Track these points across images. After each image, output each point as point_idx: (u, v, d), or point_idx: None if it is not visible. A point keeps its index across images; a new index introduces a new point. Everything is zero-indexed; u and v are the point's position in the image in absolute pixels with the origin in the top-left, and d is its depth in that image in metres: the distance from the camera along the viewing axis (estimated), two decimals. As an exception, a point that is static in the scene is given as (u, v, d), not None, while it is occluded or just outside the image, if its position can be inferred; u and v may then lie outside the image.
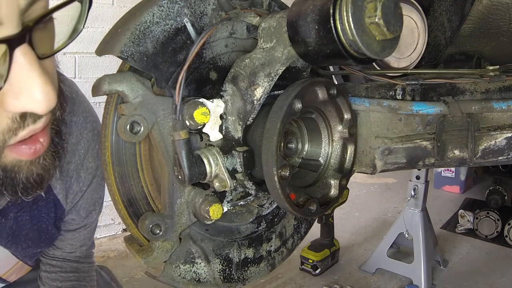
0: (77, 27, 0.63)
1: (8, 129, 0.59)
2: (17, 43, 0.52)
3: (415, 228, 2.85)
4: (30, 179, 0.67)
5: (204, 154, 0.69)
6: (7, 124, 0.58)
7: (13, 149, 0.62)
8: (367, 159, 0.94)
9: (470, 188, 4.70)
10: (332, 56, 0.60)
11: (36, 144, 0.64)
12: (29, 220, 0.99)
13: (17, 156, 0.63)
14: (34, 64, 0.54)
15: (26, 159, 0.65)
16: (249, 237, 0.85)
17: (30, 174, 0.67)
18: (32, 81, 0.54)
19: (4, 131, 0.59)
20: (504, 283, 2.85)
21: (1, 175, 0.64)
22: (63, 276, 1.20)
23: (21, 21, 0.52)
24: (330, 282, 2.84)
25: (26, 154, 0.64)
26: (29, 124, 0.60)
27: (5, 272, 1.07)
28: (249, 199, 0.77)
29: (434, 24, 1.23)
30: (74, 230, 1.16)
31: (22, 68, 0.53)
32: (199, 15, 0.71)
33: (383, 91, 0.97)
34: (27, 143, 0.63)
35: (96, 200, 1.15)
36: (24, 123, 0.60)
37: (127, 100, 0.64)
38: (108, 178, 0.67)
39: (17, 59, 0.52)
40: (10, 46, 0.51)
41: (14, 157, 0.63)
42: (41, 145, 0.65)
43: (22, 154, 0.63)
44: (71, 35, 0.63)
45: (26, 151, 0.63)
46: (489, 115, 0.93)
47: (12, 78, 0.53)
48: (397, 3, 0.57)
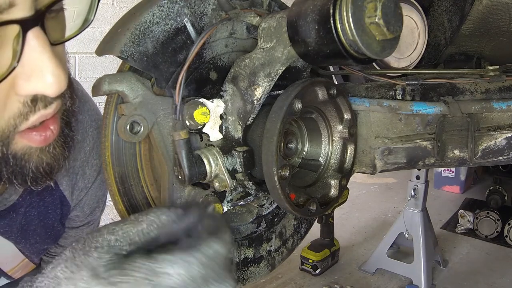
0: (88, 18, 0.65)
1: (19, 114, 0.60)
2: (30, 25, 0.54)
3: (415, 228, 2.86)
4: (40, 168, 0.67)
5: (204, 154, 0.69)
6: (18, 109, 0.59)
7: (24, 135, 0.63)
8: (367, 159, 0.94)
9: (470, 188, 4.70)
10: (332, 56, 0.60)
11: (47, 131, 0.65)
12: (36, 216, 1.00)
13: (27, 143, 0.64)
14: (46, 47, 0.55)
15: (36, 145, 0.65)
16: (249, 237, 0.85)
17: (39, 163, 0.67)
18: (43, 64, 0.55)
19: (15, 115, 0.60)
20: (504, 283, 2.85)
21: (11, 162, 0.64)
22: None
23: (34, 6, 0.54)
24: (330, 282, 2.84)
25: (37, 141, 0.64)
26: (40, 109, 0.61)
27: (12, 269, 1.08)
28: (249, 199, 0.77)
29: (434, 24, 1.24)
30: (78, 228, 1.17)
31: (34, 50, 0.54)
32: (199, 15, 0.71)
33: (383, 91, 0.97)
34: (38, 130, 0.64)
35: (100, 197, 1.16)
36: (35, 108, 0.61)
37: (127, 100, 0.64)
38: (108, 178, 0.67)
39: (30, 42, 0.54)
40: (23, 27, 0.53)
41: (25, 143, 0.64)
42: (51, 132, 0.66)
43: (33, 141, 0.64)
44: (82, 25, 0.65)
45: (37, 138, 0.64)
46: (489, 115, 0.93)
47: (24, 61, 0.55)
48: (397, 3, 0.57)
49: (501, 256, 3.21)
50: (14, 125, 0.60)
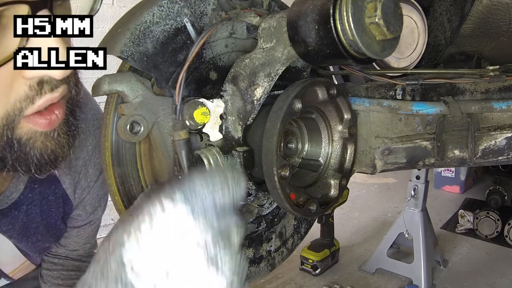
0: (94, 7, 0.67)
1: (25, 97, 0.60)
2: (39, 7, 0.55)
3: (415, 228, 2.86)
4: (44, 155, 0.68)
5: (204, 154, 0.69)
6: (24, 92, 0.60)
7: (29, 120, 0.64)
8: (367, 159, 0.94)
9: (470, 188, 4.70)
10: (332, 56, 0.60)
11: (52, 115, 0.66)
12: (39, 214, 1.01)
13: (33, 126, 0.65)
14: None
15: (41, 129, 0.66)
16: (249, 237, 0.85)
17: (44, 150, 0.67)
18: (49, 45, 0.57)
19: (21, 98, 0.60)
20: (504, 283, 2.85)
21: (16, 147, 0.65)
22: (64, 274, 1.21)
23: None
24: (330, 282, 2.84)
25: (42, 124, 0.65)
26: (46, 92, 0.62)
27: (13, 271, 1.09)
28: (249, 199, 0.77)
29: (434, 24, 1.24)
30: (79, 227, 1.17)
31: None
32: (199, 15, 0.71)
33: (383, 91, 0.97)
34: (43, 114, 0.65)
35: (102, 196, 1.16)
36: (41, 91, 0.62)
37: (127, 100, 0.64)
38: (108, 178, 0.67)
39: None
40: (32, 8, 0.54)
41: (30, 127, 0.65)
42: (56, 117, 0.66)
43: (38, 124, 0.65)
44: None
45: (42, 121, 0.65)
46: (489, 115, 0.93)
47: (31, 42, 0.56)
48: (397, 3, 0.57)
49: (501, 256, 3.21)
50: (20, 108, 0.61)
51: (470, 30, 1.11)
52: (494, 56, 1.20)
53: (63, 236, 1.16)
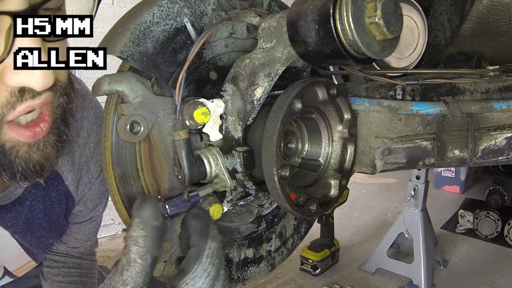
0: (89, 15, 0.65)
1: (6, 103, 0.61)
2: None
3: (415, 228, 2.86)
4: (30, 165, 0.68)
5: (204, 154, 0.69)
6: (6, 98, 0.60)
7: (12, 128, 0.64)
8: (367, 159, 0.94)
9: (470, 188, 4.70)
10: (332, 56, 0.60)
11: (36, 128, 0.66)
12: (42, 210, 1.02)
13: (16, 136, 0.65)
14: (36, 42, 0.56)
15: (24, 140, 0.66)
16: (249, 237, 0.85)
17: (29, 160, 0.68)
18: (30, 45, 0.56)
19: (2, 104, 0.60)
20: (504, 283, 2.85)
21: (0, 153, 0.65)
22: (65, 271, 1.22)
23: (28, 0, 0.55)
24: (330, 282, 2.84)
25: (25, 136, 0.65)
26: (27, 99, 0.62)
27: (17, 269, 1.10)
28: (249, 199, 0.77)
29: (434, 24, 1.24)
30: (80, 223, 1.18)
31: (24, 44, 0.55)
32: (199, 15, 0.71)
33: (383, 91, 0.97)
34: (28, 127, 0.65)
35: (103, 193, 1.17)
36: (22, 98, 0.61)
37: (127, 100, 0.64)
38: (108, 178, 0.67)
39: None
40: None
41: (13, 136, 0.65)
42: (40, 130, 0.67)
43: (21, 135, 0.65)
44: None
45: (26, 133, 0.65)
46: (489, 115, 0.93)
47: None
48: (397, 3, 0.57)
49: (501, 256, 3.21)
50: (1, 114, 0.61)
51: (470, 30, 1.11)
52: (494, 56, 1.20)
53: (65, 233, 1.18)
